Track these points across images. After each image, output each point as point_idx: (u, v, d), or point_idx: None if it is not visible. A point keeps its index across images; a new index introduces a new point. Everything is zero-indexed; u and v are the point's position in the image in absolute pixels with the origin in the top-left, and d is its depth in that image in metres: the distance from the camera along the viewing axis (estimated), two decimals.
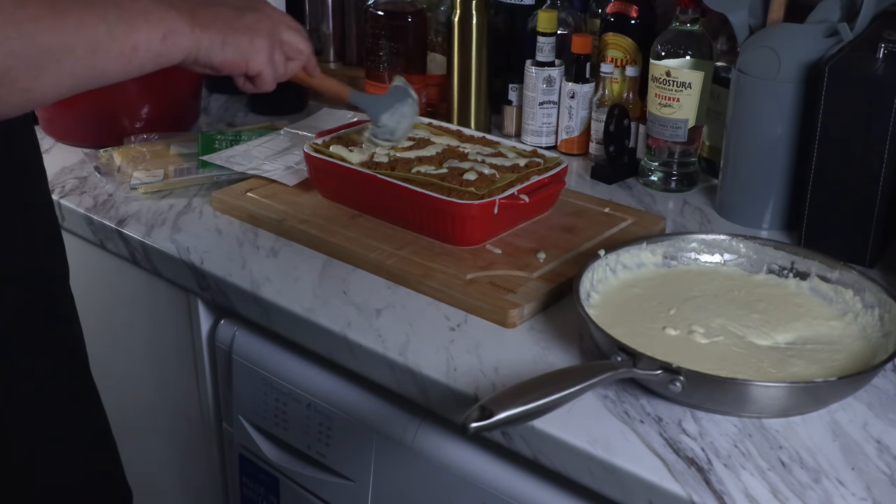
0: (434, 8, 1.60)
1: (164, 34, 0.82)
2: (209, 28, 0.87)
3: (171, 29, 0.82)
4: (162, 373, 1.34)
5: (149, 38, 0.80)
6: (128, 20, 0.79)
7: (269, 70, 0.95)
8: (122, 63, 0.79)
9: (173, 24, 0.83)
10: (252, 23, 0.92)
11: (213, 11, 0.89)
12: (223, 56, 0.90)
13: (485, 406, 0.75)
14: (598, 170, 1.38)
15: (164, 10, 0.83)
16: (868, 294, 0.94)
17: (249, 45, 0.91)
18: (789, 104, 1.16)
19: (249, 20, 0.92)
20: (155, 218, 1.23)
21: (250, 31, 0.92)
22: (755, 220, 1.22)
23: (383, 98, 1.16)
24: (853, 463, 0.79)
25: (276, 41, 0.95)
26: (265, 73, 0.95)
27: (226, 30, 0.89)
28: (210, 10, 0.89)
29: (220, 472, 1.30)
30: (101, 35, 0.76)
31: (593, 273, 0.98)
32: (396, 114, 1.15)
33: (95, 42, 0.76)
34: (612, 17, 1.43)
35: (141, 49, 0.80)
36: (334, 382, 1.05)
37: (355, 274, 1.09)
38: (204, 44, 0.87)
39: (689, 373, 0.81)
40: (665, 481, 0.77)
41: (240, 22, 0.91)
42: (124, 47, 0.78)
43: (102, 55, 0.77)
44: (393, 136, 1.16)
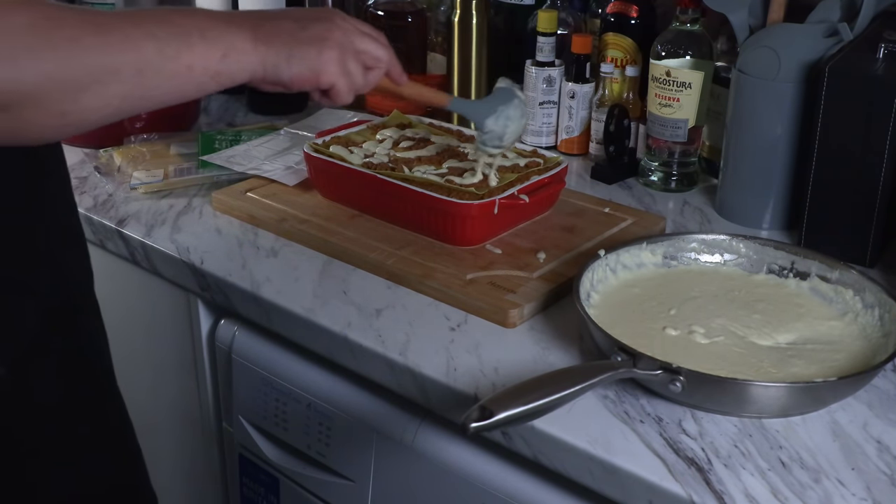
0: (434, 8, 1.60)
1: (224, 52, 0.77)
2: (273, 43, 0.82)
3: (231, 47, 0.77)
4: (162, 373, 1.34)
5: (206, 56, 0.75)
6: (182, 37, 0.74)
7: (343, 81, 0.88)
8: (177, 84, 0.75)
9: (233, 41, 0.78)
10: (319, 33, 0.86)
11: (277, 25, 0.84)
12: (291, 71, 0.83)
13: (485, 406, 0.75)
14: (598, 170, 1.38)
15: (223, 27, 0.78)
16: (868, 294, 0.94)
17: (318, 57, 0.85)
18: (789, 104, 1.16)
19: (316, 31, 0.86)
20: (155, 218, 1.23)
21: (318, 42, 0.85)
22: (755, 220, 1.22)
23: (486, 102, 1.09)
24: (853, 463, 0.79)
25: (349, 51, 0.88)
26: (339, 84, 0.88)
27: (291, 43, 0.83)
28: (273, 23, 0.83)
29: (220, 472, 1.30)
30: (150, 54, 0.72)
31: (593, 273, 0.98)
32: (502, 117, 1.07)
33: (142, 62, 0.71)
34: (612, 17, 1.43)
35: (197, 68, 0.75)
36: (334, 382, 1.05)
37: (355, 274, 1.09)
38: (269, 60, 0.82)
39: (689, 373, 0.81)
40: (665, 481, 0.77)
41: (305, 33, 0.85)
42: (178, 67, 0.74)
43: (152, 76, 0.72)
44: (502, 141, 1.09)
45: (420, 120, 1.34)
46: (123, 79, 0.70)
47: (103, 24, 0.70)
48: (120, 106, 0.72)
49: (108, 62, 0.69)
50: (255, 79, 0.82)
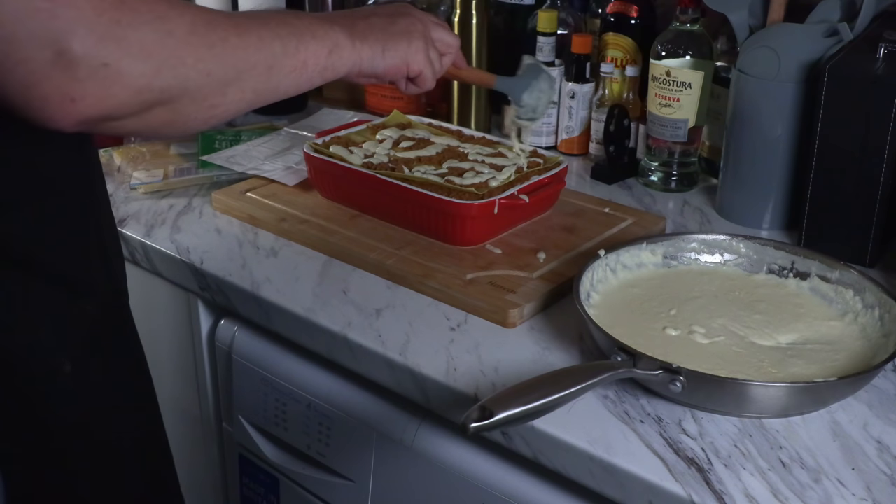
0: (434, 8, 1.60)
1: (330, 49, 0.86)
2: (368, 39, 0.91)
3: (335, 44, 0.86)
4: (162, 373, 1.33)
5: (317, 53, 0.84)
6: (298, 37, 0.82)
7: (429, 69, 0.99)
8: (294, 78, 0.83)
9: (337, 39, 0.87)
10: (406, 27, 0.96)
11: (369, 23, 0.93)
12: (385, 63, 0.94)
13: (485, 406, 0.75)
14: (598, 170, 1.38)
15: (327, 26, 0.87)
16: (868, 294, 0.94)
17: (408, 48, 0.95)
18: (789, 104, 1.16)
19: (403, 25, 0.96)
20: (155, 218, 1.23)
21: (406, 36, 0.96)
22: (755, 220, 1.22)
23: (521, 79, 1.17)
24: (853, 463, 0.79)
25: (429, 40, 0.99)
26: (426, 72, 0.98)
27: (384, 38, 0.93)
28: (366, 21, 0.93)
29: (220, 472, 1.30)
30: (277, 52, 0.80)
31: (593, 273, 0.98)
32: (535, 90, 1.16)
33: (272, 59, 0.79)
34: (612, 17, 1.43)
35: (310, 64, 0.84)
36: (334, 382, 1.05)
37: (355, 274, 1.09)
38: (366, 55, 0.91)
39: (689, 373, 0.81)
40: (665, 481, 0.77)
41: (395, 28, 0.95)
42: (296, 63, 0.82)
43: (277, 71, 0.80)
44: (535, 113, 1.18)
45: (420, 120, 1.34)
46: (258, 74, 0.78)
47: (242, 24, 0.78)
48: (253, 99, 0.80)
49: (249, 59, 0.77)
50: (353, 72, 0.91)
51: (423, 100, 1.58)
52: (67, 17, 0.66)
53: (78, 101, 0.67)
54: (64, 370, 0.85)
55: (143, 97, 0.70)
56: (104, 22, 0.67)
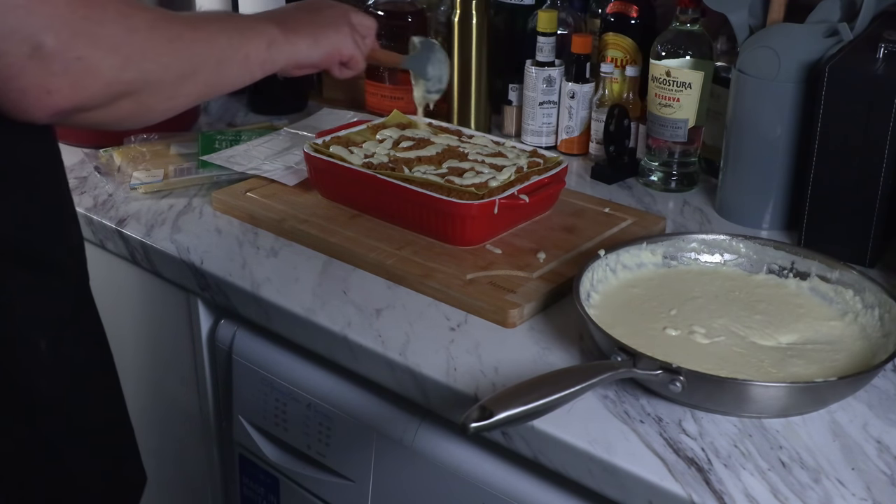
0: (434, 8, 1.60)
1: (269, 43, 0.92)
2: (300, 32, 0.97)
3: (272, 38, 0.92)
4: (162, 373, 1.34)
5: (258, 46, 0.90)
6: (241, 31, 0.89)
7: (357, 51, 1.05)
8: (239, 71, 0.89)
9: (273, 34, 0.93)
10: (331, 17, 1.03)
11: (297, 17, 1.00)
12: (320, 52, 1.00)
13: (485, 406, 0.75)
14: (598, 170, 1.38)
15: (264, 23, 0.94)
16: (868, 294, 0.94)
17: (337, 35, 1.02)
18: (789, 104, 1.16)
19: (328, 15, 1.03)
20: (155, 218, 1.23)
21: (333, 24, 1.02)
22: (755, 220, 1.22)
23: (419, 55, 1.23)
24: (853, 463, 0.79)
25: (352, 25, 1.05)
26: (355, 55, 1.05)
27: (314, 29, 1.00)
28: (294, 17, 1.00)
29: (220, 472, 1.30)
30: (224, 46, 0.86)
31: (593, 273, 0.98)
32: (436, 62, 1.23)
33: (221, 53, 0.85)
34: (612, 17, 1.43)
35: (252, 57, 0.89)
36: (334, 382, 1.05)
37: (355, 274, 1.09)
38: (301, 46, 0.97)
39: (689, 373, 0.81)
40: (665, 481, 0.77)
41: (321, 19, 1.02)
42: (241, 56, 0.88)
43: (226, 64, 0.86)
44: (441, 83, 1.25)
45: (420, 120, 1.34)
46: (210, 68, 0.84)
47: (193, 21, 0.84)
48: (205, 91, 0.86)
49: (202, 54, 0.83)
50: (290, 64, 0.96)
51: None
52: (43, 13, 0.70)
53: (53, 93, 0.72)
54: (40, 347, 0.89)
55: (112, 89, 0.75)
56: (77, 18, 0.71)
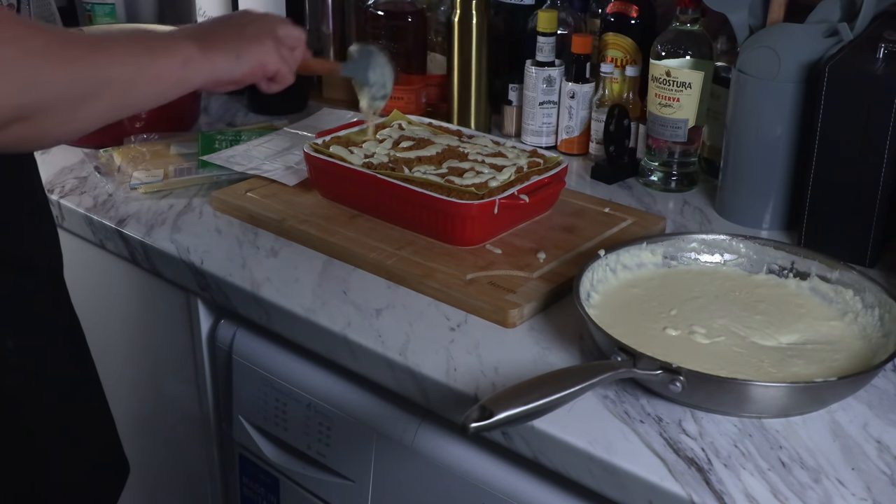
0: (434, 8, 1.60)
1: (183, 61, 0.89)
2: (219, 48, 0.94)
3: (188, 56, 0.89)
4: (162, 373, 1.34)
5: (169, 66, 0.87)
6: (152, 52, 0.86)
7: (284, 65, 1.02)
8: (150, 92, 0.87)
9: (189, 52, 0.89)
10: (255, 31, 0.99)
11: (219, 33, 0.97)
12: (242, 69, 0.96)
13: (485, 406, 0.75)
14: (598, 170, 1.38)
15: (179, 41, 0.90)
16: (868, 294, 0.94)
17: (260, 50, 0.98)
18: (789, 104, 1.16)
19: (252, 29, 0.99)
20: (155, 218, 1.23)
21: (257, 39, 0.99)
22: (755, 220, 1.22)
23: (358, 62, 1.20)
24: (853, 463, 0.79)
25: (278, 39, 1.02)
26: (282, 69, 1.02)
27: (236, 45, 0.96)
28: (215, 32, 0.97)
29: (220, 472, 1.30)
30: (131, 68, 0.83)
31: (593, 273, 0.98)
32: (377, 67, 1.20)
33: (127, 74, 0.83)
34: (612, 17, 1.43)
35: (163, 77, 0.87)
36: (334, 382, 1.05)
37: (355, 274, 1.09)
38: (220, 63, 0.93)
39: (689, 373, 0.81)
40: (665, 481, 0.77)
41: (244, 33, 0.98)
42: (150, 77, 0.85)
43: (132, 86, 0.84)
44: (385, 88, 1.21)
45: (420, 120, 1.34)
46: (113, 89, 0.81)
47: (96, 43, 0.81)
48: (110, 113, 0.83)
49: (104, 76, 0.80)
50: (209, 81, 0.94)
51: (423, 100, 1.58)
52: None
53: None
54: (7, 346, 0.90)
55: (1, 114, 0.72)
56: None
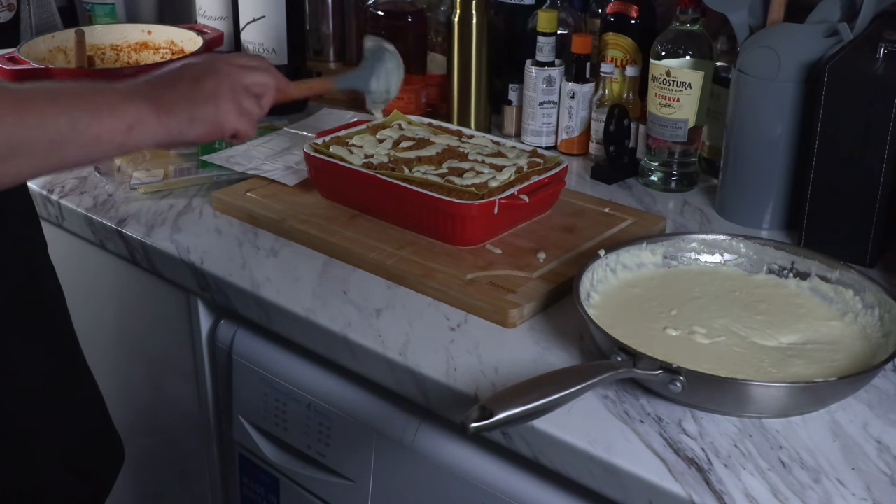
0: (434, 8, 1.60)
1: (130, 125, 0.84)
2: (174, 110, 0.89)
3: (138, 120, 0.85)
4: (162, 373, 1.34)
5: (112, 129, 0.83)
6: (92, 112, 0.81)
7: (244, 123, 0.96)
8: (85, 152, 0.82)
9: (139, 115, 0.85)
10: (213, 89, 0.93)
11: (175, 90, 0.91)
12: (195, 132, 0.91)
13: (485, 406, 0.75)
14: (598, 170, 1.38)
15: (129, 102, 0.85)
16: (868, 294, 0.94)
17: (216, 112, 0.93)
18: (789, 104, 1.16)
19: (209, 88, 0.93)
20: (155, 218, 1.23)
21: (213, 99, 0.93)
22: (755, 220, 1.22)
23: (364, 67, 1.18)
24: (853, 463, 0.79)
25: (240, 92, 0.96)
26: (241, 127, 0.96)
27: (190, 106, 0.90)
28: (172, 90, 0.90)
29: (220, 472, 1.30)
30: (63, 129, 0.79)
31: (593, 273, 0.98)
32: (381, 74, 1.18)
33: (57, 135, 0.79)
34: (612, 17, 1.43)
35: (105, 139, 0.82)
36: (334, 382, 1.05)
37: (355, 274, 1.09)
38: (174, 128, 0.89)
39: (689, 373, 0.81)
40: (665, 481, 0.77)
41: (201, 93, 0.92)
42: (87, 138, 0.81)
43: (64, 146, 0.80)
44: (389, 94, 1.20)
45: (420, 120, 1.34)
46: (37, 150, 0.78)
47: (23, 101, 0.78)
48: (33, 173, 0.81)
49: (24, 137, 0.77)
50: (162, 144, 0.90)
51: (423, 100, 1.58)
52: None
53: None
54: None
55: None
56: None
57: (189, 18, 1.88)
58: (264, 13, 1.60)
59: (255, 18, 1.62)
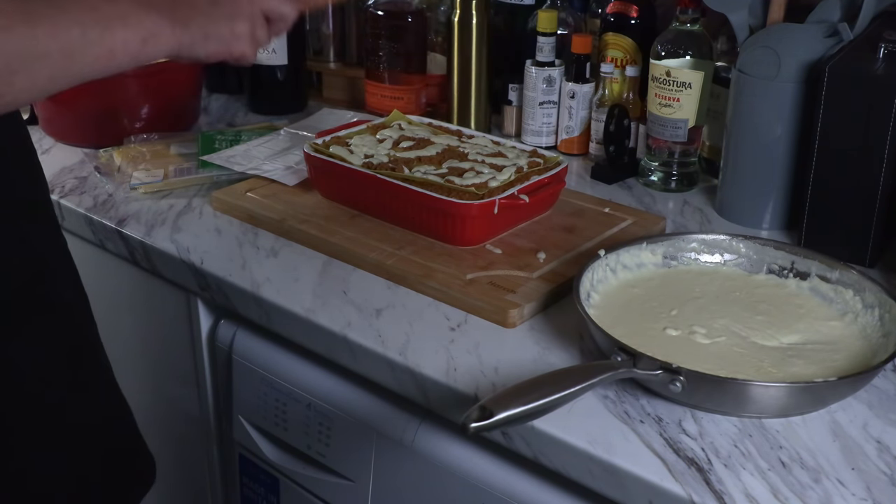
0: (434, 8, 1.60)
1: (144, 37, 0.83)
2: (189, 25, 0.88)
3: (151, 32, 0.83)
4: (162, 373, 1.34)
5: (126, 41, 0.81)
6: (105, 24, 0.80)
7: (251, 48, 0.96)
8: (100, 65, 0.80)
9: (153, 27, 0.84)
10: (230, 9, 0.92)
11: (193, 6, 0.90)
12: (206, 50, 0.91)
13: (485, 406, 0.75)
14: (598, 170, 1.38)
15: (143, 13, 0.83)
16: (868, 294, 0.94)
17: (230, 33, 0.92)
18: (789, 104, 1.16)
19: (228, 7, 0.92)
20: (155, 218, 1.23)
21: (230, 20, 0.92)
22: (755, 220, 1.22)
23: None
24: (853, 463, 0.79)
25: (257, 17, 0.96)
26: (248, 52, 0.95)
27: (206, 23, 0.90)
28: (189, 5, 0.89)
29: (220, 472, 1.30)
30: (75, 40, 0.78)
31: (593, 273, 0.98)
32: None
33: (70, 47, 0.77)
34: (612, 17, 1.43)
35: (118, 52, 0.81)
36: (334, 382, 1.05)
37: (355, 274, 1.09)
38: (186, 41, 0.88)
39: (689, 373, 0.81)
40: (665, 481, 0.77)
41: (217, 10, 0.91)
42: (101, 51, 0.80)
43: (78, 59, 0.78)
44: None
45: (420, 120, 1.34)
46: (51, 62, 0.76)
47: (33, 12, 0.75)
48: (49, 86, 0.79)
49: (38, 48, 0.75)
50: (171, 56, 0.88)
51: (423, 100, 1.58)
52: None
53: None
54: None
55: None
56: None
57: None
58: None
59: None
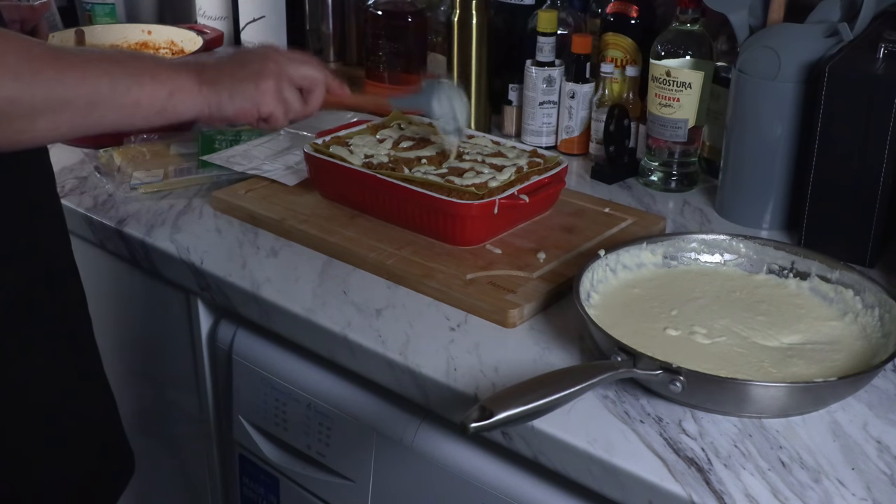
0: (434, 8, 1.60)
1: (171, 91, 0.87)
2: (216, 84, 0.93)
3: (178, 87, 0.88)
4: (162, 373, 1.34)
5: (153, 94, 0.86)
6: (133, 77, 0.85)
7: (280, 108, 0.99)
8: (124, 115, 0.85)
9: (180, 83, 0.89)
10: (257, 70, 0.97)
11: (219, 68, 0.95)
12: (234, 107, 0.95)
13: (485, 406, 0.75)
14: (598, 170, 1.38)
15: (172, 71, 0.89)
16: (868, 294, 0.94)
17: (256, 90, 0.96)
18: (789, 104, 1.16)
19: (253, 68, 0.97)
20: (155, 218, 1.23)
21: (255, 78, 0.96)
22: (755, 220, 1.22)
23: (422, 93, 1.16)
24: (853, 463, 0.79)
25: (284, 79, 0.99)
26: (276, 112, 0.99)
27: (231, 83, 0.94)
28: (217, 68, 0.95)
29: (220, 472, 1.30)
30: (103, 90, 0.82)
31: (593, 273, 0.98)
32: (444, 98, 1.14)
33: (96, 96, 0.82)
34: (612, 17, 1.43)
35: (144, 104, 0.85)
36: (334, 382, 1.05)
37: (355, 274, 1.09)
38: (213, 100, 0.92)
39: (689, 373, 0.81)
40: (665, 481, 0.77)
41: (244, 72, 0.96)
42: (126, 101, 0.84)
43: (102, 107, 0.83)
44: (457, 121, 1.15)
45: (420, 120, 1.34)
46: (75, 108, 0.81)
47: (64, 59, 0.80)
48: (70, 130, 0.83)
49: (63, 94, 0.80)
50: (202, 116, 0.94)
51: None
52: None
53: None
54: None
55: None
56: None
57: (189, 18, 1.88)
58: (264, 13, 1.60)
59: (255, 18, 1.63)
